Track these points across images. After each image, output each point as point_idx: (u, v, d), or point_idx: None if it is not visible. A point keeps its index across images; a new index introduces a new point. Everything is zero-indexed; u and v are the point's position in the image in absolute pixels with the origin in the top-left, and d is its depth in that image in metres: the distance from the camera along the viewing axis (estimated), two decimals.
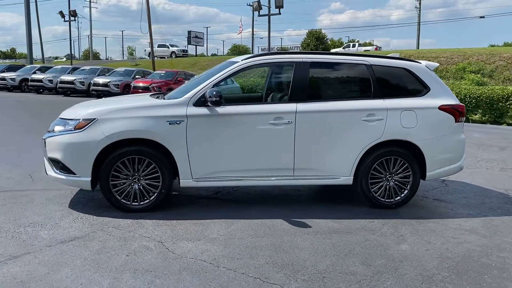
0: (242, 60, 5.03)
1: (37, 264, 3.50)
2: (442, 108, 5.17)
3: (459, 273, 3.60)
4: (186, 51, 54.84)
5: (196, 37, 59.99)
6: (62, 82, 23.70)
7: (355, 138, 5.00)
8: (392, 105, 5.07)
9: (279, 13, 23.18)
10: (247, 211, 4.98)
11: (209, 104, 4.73)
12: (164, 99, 5.23)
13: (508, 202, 5.61)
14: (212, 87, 4.82)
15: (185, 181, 4.83)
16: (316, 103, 5.00)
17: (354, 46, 51.90)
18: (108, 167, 4.66)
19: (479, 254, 4.00)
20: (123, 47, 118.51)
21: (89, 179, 4.67)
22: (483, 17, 78.63)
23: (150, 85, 20.40)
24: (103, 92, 22.11)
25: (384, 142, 5.05)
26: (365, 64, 5.17)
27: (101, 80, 22.54)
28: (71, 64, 33.87)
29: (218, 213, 4.87)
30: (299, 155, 4.93)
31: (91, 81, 22.80)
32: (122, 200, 4.76)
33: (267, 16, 24.14)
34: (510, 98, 14.64)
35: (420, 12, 55.02)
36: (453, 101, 5.29)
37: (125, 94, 22.00)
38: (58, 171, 4.78)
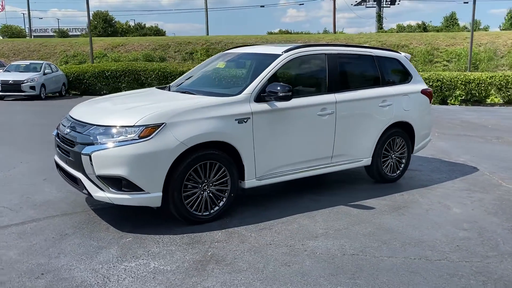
0: (284, 53, 4.94)
1: None
2: (422, 92, 6.14)
3: None
4: None
5: None
6: None
7: (375, 122, 5.54)
8: (396, 91, 5.78)
9: None
10: (301, 202, 5.02)
11: (272, 98, 4.57)
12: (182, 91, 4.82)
13: (450, 165, 7.02)
14: (267, 81, 4.65)
15: (250, 182, 4.58)
16: (346, 92, 5.32)
17: None
18: (181, 176, 4.08)
19: (506, 205, 5.08)
20: None
21: (161, 194, 4.01)
22: (263, 6, 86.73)
23: None
24: None
25: (392, 125, 5.74)
26: (371, 55, 5.72)
27: None
28: None
29: (282, 209, 4.77)
30: (337, 143, 5.21)
31: None
32: (193, 211, 4.24)
33: None
34: None
35: None
36: (426, 86, 6.32)
37: None
38: (118, 191, 3.93)
